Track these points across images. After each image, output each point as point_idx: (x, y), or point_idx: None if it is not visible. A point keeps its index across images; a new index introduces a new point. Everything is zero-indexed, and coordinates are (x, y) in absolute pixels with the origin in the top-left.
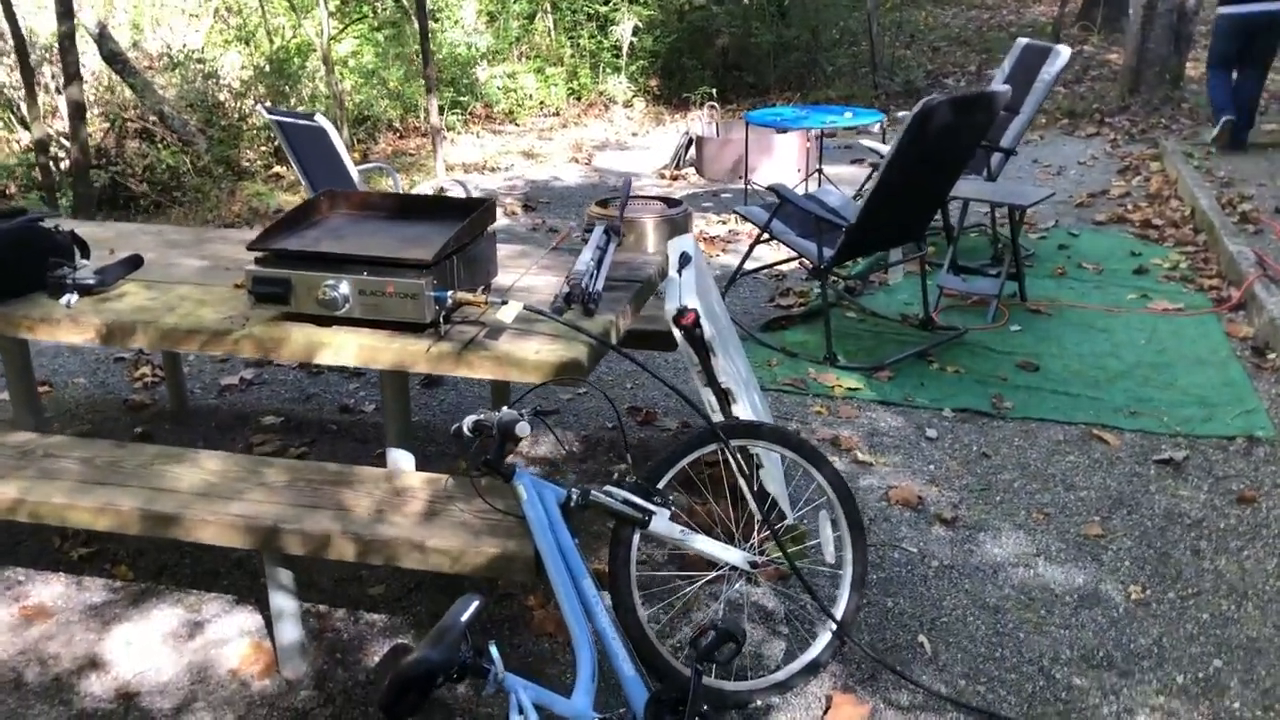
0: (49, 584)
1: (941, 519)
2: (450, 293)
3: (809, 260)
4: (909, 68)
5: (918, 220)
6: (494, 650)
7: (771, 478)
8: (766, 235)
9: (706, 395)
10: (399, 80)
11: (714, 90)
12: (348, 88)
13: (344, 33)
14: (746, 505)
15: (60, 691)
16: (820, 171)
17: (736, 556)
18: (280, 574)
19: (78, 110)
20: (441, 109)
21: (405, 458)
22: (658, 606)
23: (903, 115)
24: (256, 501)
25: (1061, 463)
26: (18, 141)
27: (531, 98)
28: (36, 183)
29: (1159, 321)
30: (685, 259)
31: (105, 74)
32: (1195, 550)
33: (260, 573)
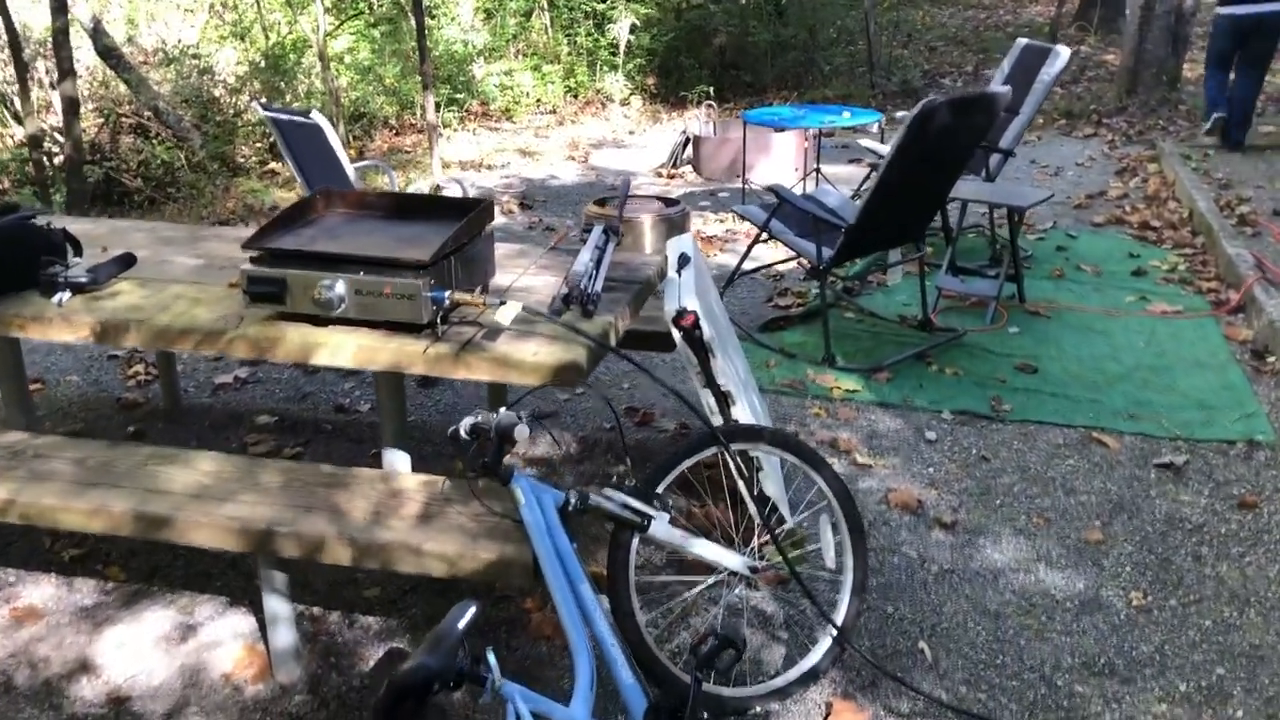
0: (39, 585)
1: (941, 523)
2: (448, 293)
3: (808, 260)
4: (906, 67)
5: (917, 221)
6: (491, 657)
7: (771, 480)
8: (765, 235)
9: (705, 397)
10: (395, 77)
11: (711, 89)
12: (343, 84)
13: (340, 29)
14: (746, 508)
15: (50, 695)
16: (818, 171)
17: (736, 562)
18: (274, 577)
19: (71, 106)
20: (438, 106)
21: (401, 459)
22: (656, 612)
23: (900, 115)
24: (251, 504)
25: (1061, 466)
26: (11, 137)
27: (528, 95)
28: (30, 178)
29: (1158, 324)
30: (684, 259)
31: (100, 69)
32: (1197, 556)
33: (254, 575)
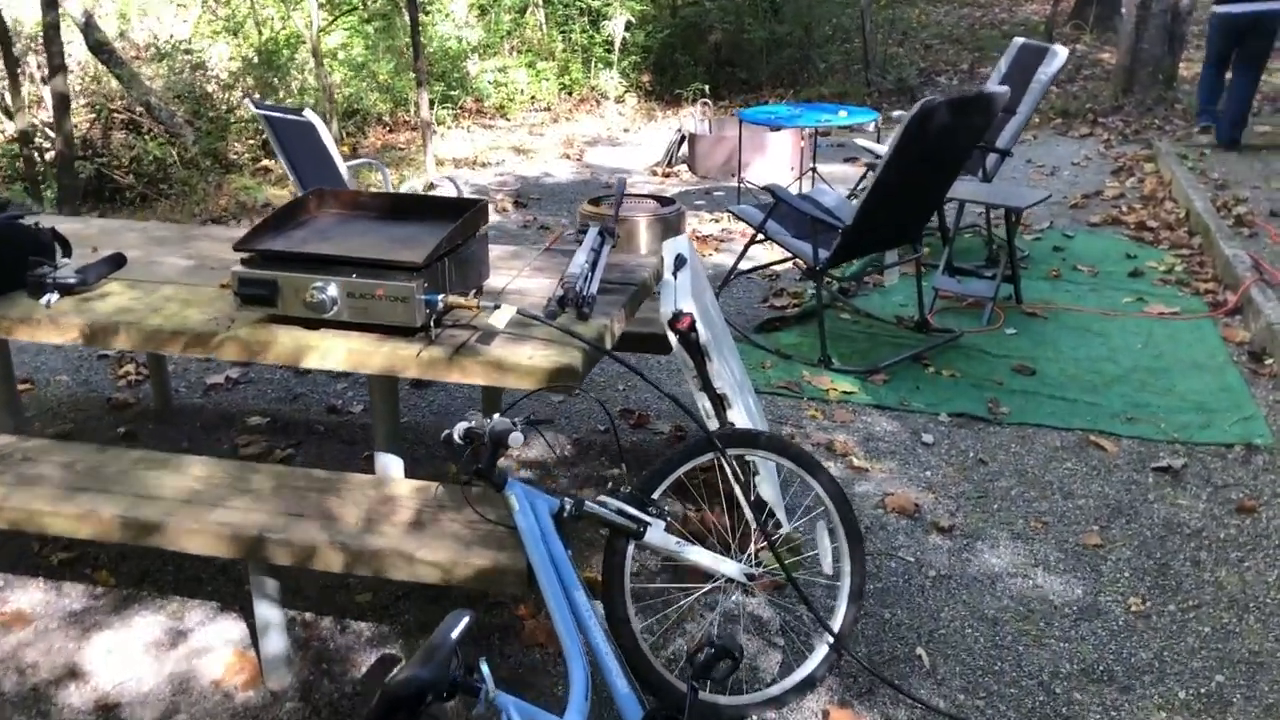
0: (28, 590)
1: (939, 527)
2: (441, 296)
3: (804, 261)
4: (901, 65)
5: (914, 221)
6: (485, 667)
7: (767, 485)
8: (761, 235)
9: (701, 400)
10: (389, 73)
11: (706, 86)
12: (337, 80)
13: (333, 25)
14: (742, 513)
15: (38, 702)
16: (814, 170)
17: (733, 569)
18: (265, 584)
19: (62, 102)
20: (432, 103)
21: (394, 463)
22: (652, 619)
23: (896, 114)
24: (242, 509)
25: (1059, 469)
26: (2, 133)
27: (523, 92)
28: (20, 174)
29: (1155, 325)
30: (680, 261)
31: (92, 64)
32: (1195, 561)
33: (245, 580)
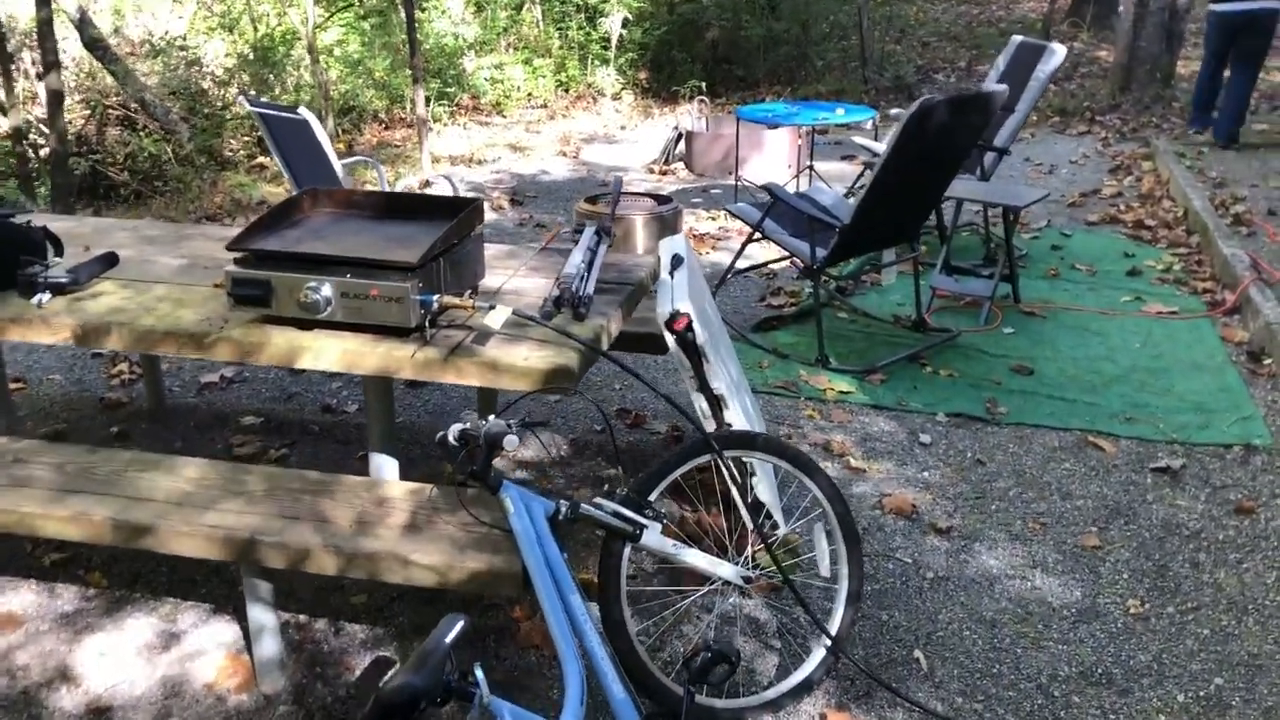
0: (19, 591)
1: (936, 528)
2: (436, 296)
3: (802, 260)
4: (899, 63)
5: (913, 220)
6: (479, 672)
7: (764, 486)
8: (758, 234)
9: (698, 401)
10: (385, 70)
11: (703, 83)
12: (333, 77)
13: (329, 21)
14: (739, 514)
15: (29, 705)
16: (811, 168)
17: (729, 571)
18: (259, 586)
19: (56, 99)
20: (428, 100)
21: (389, 464)
22: (648, 622)
23: (894, 112)
24: (234, 512)
25: (1057, 470)
26: None
27: (519, 89)
28: (13, 170)
29: (1154, 325)
30: (677, 260)
31: (86, 60)
32: (1194, 563)
33: (239, 582)
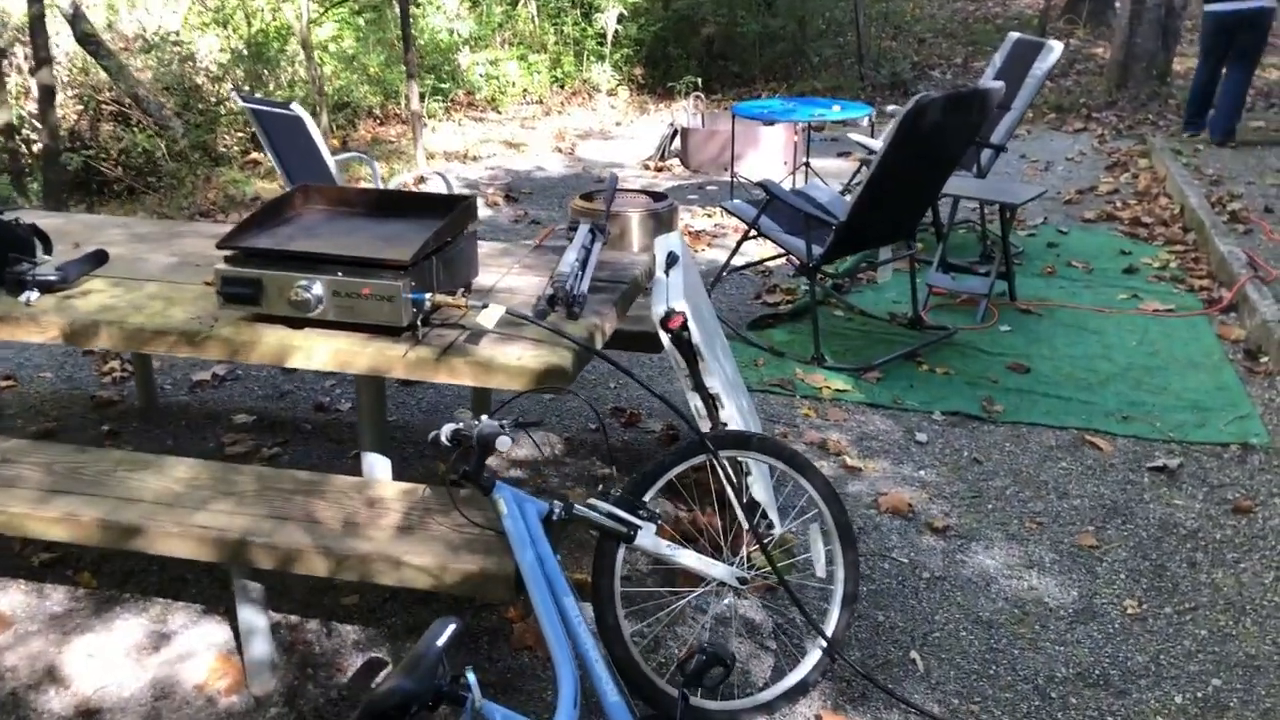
0: (8, 592)
1: (932, 528)
2: (429, 295)
3: (798, 257)
4: (895, 59)
5: (909, 217)
6: (471, 676)
7: (760, 486)
8: (754, 231)
9: (694, 400)
10: (380, 66)
11: (699, 80)
12: (327, 73)
13: (324, 16)
14: (734, 514)
15: (17, 708)
16: (807, 165)
17: (724, 572)
18: (249, 588)
19: (48, 94)
20: (422, 96)
21: (381, 464)
22: (643, 624)
23: (890, 109)
24: (225, 512)
25: (1054, 469)
26: None
27: (514, 85)
28: (5, 166)
29: (1150, 323)
30: (672, 259)
31: (80, 55)
32: (1191, 562)
33: (229, 582)
